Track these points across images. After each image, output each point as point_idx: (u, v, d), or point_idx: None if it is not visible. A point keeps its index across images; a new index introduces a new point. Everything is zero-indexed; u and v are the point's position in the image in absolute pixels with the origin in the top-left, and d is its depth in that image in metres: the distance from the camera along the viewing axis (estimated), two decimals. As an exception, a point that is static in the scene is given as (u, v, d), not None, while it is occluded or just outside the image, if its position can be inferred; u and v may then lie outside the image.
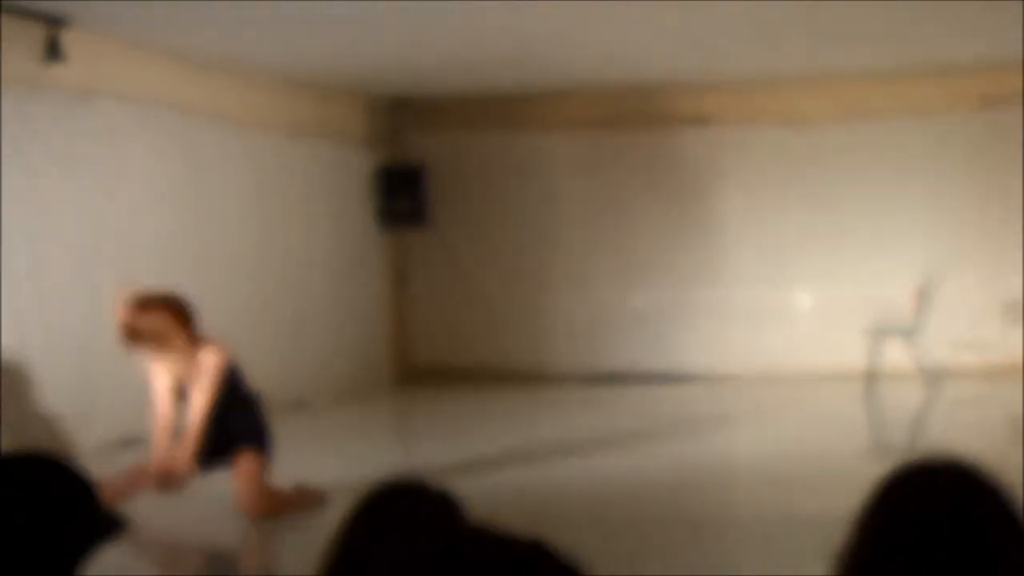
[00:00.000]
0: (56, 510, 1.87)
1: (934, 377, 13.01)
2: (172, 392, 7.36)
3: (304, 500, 7.63)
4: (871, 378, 12.99)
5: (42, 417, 9.76)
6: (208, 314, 11.72)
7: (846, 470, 8.61)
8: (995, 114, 13.72)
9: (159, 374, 7.35)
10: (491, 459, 9.69)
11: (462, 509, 2.39)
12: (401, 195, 14.74)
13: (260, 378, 12.52)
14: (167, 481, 7.24)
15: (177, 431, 7.36)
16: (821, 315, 14.34)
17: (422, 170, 14.87)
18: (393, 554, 1.42)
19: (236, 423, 7.45)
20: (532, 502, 8.19)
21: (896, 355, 13.10)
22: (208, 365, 7.29)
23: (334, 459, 9.80)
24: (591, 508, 8.18)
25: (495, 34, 11.17)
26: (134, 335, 7.14)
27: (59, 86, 10.10)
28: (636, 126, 14.61)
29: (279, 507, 7.44)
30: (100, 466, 7.53)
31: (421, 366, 15.27)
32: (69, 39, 9.97)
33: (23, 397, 9.66)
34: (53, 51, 9.84)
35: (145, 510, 7.11)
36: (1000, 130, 13.63)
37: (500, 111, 14.84)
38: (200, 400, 7.25)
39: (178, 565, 7.26)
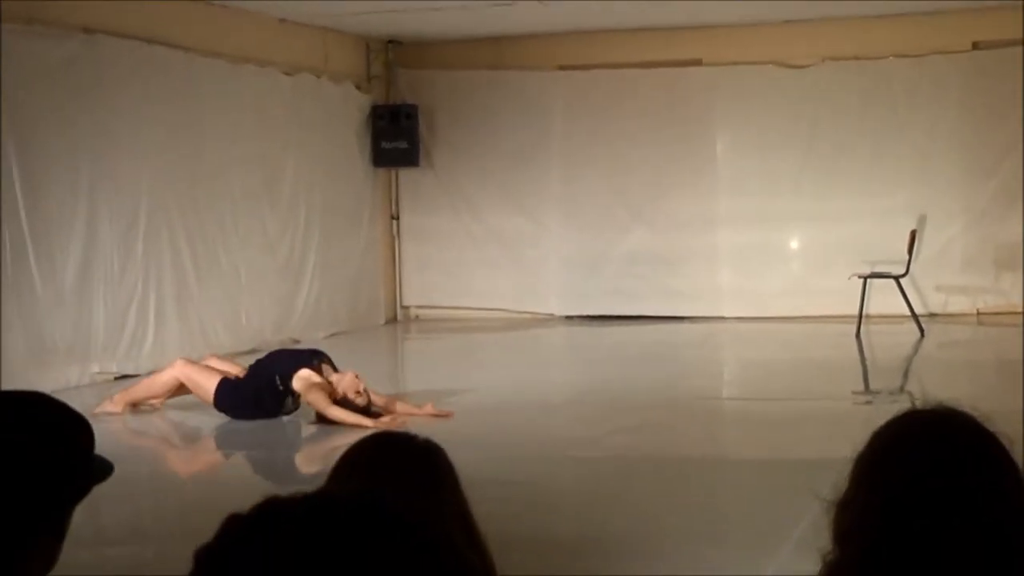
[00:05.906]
0: (57, 450, 1.83)
1: (925, 320, 13.03)
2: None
3: None
4: (862, 321, 12.98)
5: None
6: (205, 255, 11.82)
7: (837, 412, 8.68)
8: (988, 56, 13.69)
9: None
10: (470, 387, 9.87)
11: (445, 457, 2.44)
12: (394, 135, 14.70)
13: (255, 317, 12.62)
14: None
15: None
16: (812, 258, 14.35)
17: (415, 110, 14.83)
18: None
19: None
20: (530, 454, 8.24)
21: (888, 298, 13.11)
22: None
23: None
24: (578, 446, 8.21)
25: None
26: None
27: (57, 23, 10.05)
28: (629, 66, 14.56)
29: None
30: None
31: (413, 305, 15.32)
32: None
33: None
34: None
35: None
36: (993, 72, 13.60)
37: (493, 52, 14.79)
38: None
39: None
